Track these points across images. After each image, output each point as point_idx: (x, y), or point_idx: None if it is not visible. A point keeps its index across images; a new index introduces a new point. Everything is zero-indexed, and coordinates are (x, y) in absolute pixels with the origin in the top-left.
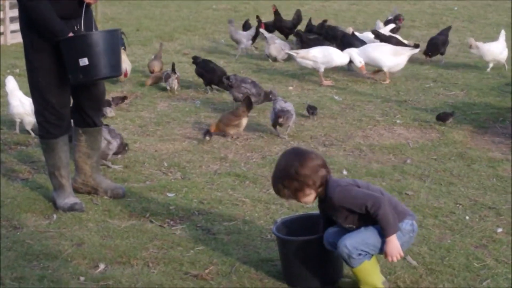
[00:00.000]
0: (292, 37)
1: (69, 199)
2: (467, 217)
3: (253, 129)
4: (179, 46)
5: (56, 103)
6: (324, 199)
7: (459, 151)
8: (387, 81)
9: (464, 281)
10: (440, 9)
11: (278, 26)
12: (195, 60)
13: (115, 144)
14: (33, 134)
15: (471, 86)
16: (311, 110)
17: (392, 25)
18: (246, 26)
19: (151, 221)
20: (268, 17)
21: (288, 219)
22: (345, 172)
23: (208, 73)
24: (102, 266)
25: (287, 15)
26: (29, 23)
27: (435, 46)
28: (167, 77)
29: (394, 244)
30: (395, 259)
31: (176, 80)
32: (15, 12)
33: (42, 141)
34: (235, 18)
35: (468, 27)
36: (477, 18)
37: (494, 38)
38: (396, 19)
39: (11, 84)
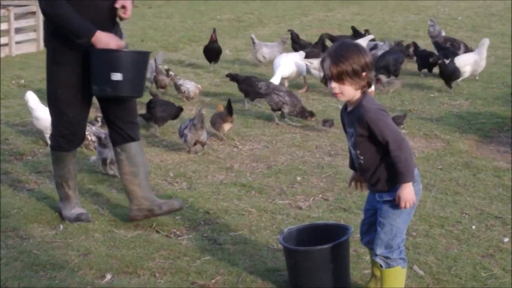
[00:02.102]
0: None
1: (75, 209)
2: (473, 227)
3: (258, 139)
4: (183, 56)
5: (73, 117)
6: (353, 109)
7: (465, 160)
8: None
9: None
10: (443, 19)
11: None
12: (236, 78)
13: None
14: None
15: (475, 96)
16: (327, 123)
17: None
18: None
19: (157, 231)
20: (272, 27)
21: (295, 229)
22: None
23: (251, 88)
24: (109, 276)
25: (291, 26)
26: (52, 33)
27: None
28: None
29: (409, 190)
30: (408, 206)
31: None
32: (20, 23)
33: (53, 152)
34: (239, 28)
35: (472, 36)
36: (481, 27)
37: (497, 47)
38: None
39: (33, 99)
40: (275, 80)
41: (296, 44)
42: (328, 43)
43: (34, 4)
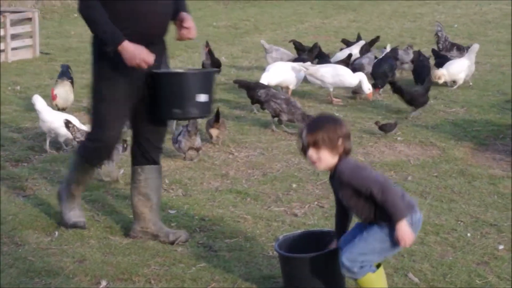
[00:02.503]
0: None
1: (74, 212)
2: (468, 234)
3: (254, 146)
4: (180, 63)
5: (112, 136)
6: (333, 174)
7: (460, 168)
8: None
9: None
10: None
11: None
12: (246, 84)
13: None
14: (64, 146)
15: (471, 103)
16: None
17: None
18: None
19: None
20: (268, 34)
21: (290, 236)
22: None
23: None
24: (104, 283)
25: (287, 32)
26: (98, 47)
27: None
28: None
29: (405, 229)
30: (407, 244)
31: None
32: (16, 29)
33: (81, 161)
34: (236, 35)
35: (468, 44)
36: (477, 35)
37: (493, 55)
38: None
39: (40, 102)
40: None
41: (301, 51)
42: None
43: (30, 10)
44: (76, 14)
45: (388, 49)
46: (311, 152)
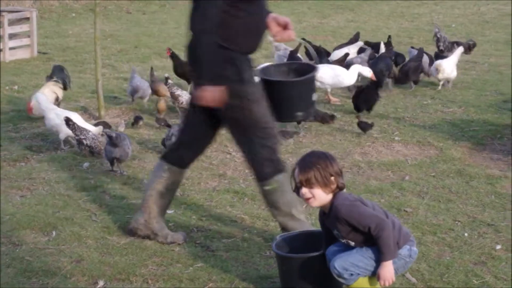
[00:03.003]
0: None
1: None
2: (466, 234)
3: None
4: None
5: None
6: (328, 211)
7: (458, 168)
8: None
9: None
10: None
11: (180, 72)
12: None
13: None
14: (62, 146)
15: (469, 103)
16: (287, 134)
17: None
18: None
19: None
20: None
21: (288, 236)
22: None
23: None
24: (101, 283)
25: None
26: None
27: (405, 74)
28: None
29: (389, 269)
30: (387, 284)
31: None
32: (14, 29)
33: (274, 180)
34: None
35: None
36: (475, 35)
37: (490, 55)
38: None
39: (44, 100)
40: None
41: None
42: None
43: (28, 10)
44: (74, 13)
45: (383, 48)
46: (305, 190)
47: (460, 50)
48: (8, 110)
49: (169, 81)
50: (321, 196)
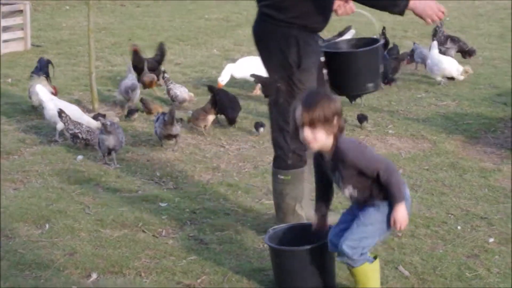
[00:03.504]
0: None
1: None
2: (459, 227)
3: (245, 139)
4: (171, 56)
5: None
6: (331, 155)
7: (451, 161)
8: None
9: None
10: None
11: (140, 68)
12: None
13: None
14: (57, 137)
15: (463, 97)
16: (261, 127)
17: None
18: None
19: (143, 231)
20: None
21: (281, 229)
22: None
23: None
24: (94, 276)
25: None
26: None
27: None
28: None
29: (403, 212)
30: (402, 227)
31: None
32: (7, 22)
33: (291, 172)
34: (227, 28)
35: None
36: (469, 28)
37: (484, 48)
38: None
39: (42, 90)
40: (223, 78)
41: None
42: None
43: (21, 3)
44: (68, 6)
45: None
46: (307, 132)
47: (435, 44)
48: (2, 102)
49: (166, 75)
50: (322, 138)
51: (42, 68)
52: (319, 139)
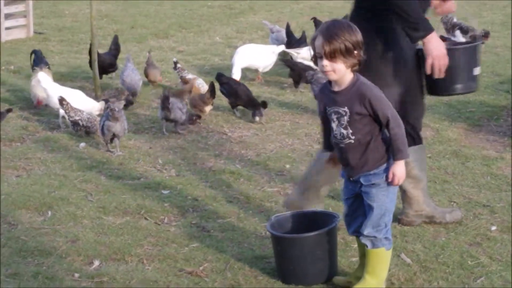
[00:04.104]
0: None
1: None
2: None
3: (248, 127)
4: (174, 43)
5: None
6: (347, 88)
7: (454, 149)
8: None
9: (458, 278)
10: None
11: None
12: (292, 64)
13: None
14: (61, 122)
15: None
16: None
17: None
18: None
19: (145, 218)
20: (263, 15)
21: (283, 216)
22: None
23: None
24: (96, 263)
25: (282, 13)
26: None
27: None
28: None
29: (402, 168)
30: (400, 182)
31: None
32: (10, 9)
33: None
34: (230, 15)
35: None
36: (472, 16)
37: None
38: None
39: (45, 78)
40: (235, 75)
41: None
42: None
43: None
44: None
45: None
46: (326, 62)
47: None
48: (3, 90)
49: (178, 65)
50: (342, 70)
51: (42, 59)
52: (338, 71)
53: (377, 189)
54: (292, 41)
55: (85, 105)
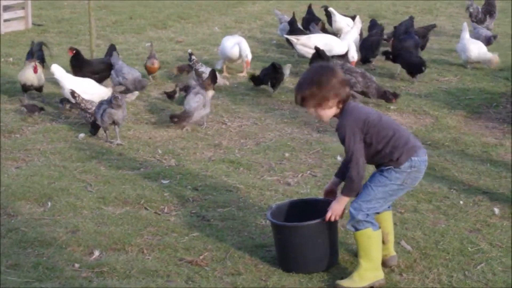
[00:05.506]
0: None
1: None
2: (461, 202)
3: (247, 116)
4: (172, 34)
5: None
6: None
7: (453, 136)
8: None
9: (458, 265)
10: None
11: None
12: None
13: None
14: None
15: (464, 72)
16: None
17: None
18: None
19: (145, 208)
20: (262, 4)
21: (283, 204)
22: (339, 158)
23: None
24: (97, 253)
25: (281, 2)
26: None
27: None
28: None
29: (341, 205)
30: (332, 218)
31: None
32: (8, 1)
33: None
34: (228, 5)
35: (462, 13)
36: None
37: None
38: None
39: (59, 70)
40: (249, 55)
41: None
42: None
43: None
44: None
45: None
46: (308, 110)
47: (465, 26)
48: (3, 82)
49: (193, 57)
50: (326, 113)
51: (36, 52)
52: (323, 116)
53: (379, 174)
54: (295, 30)
55: (98, 92)
